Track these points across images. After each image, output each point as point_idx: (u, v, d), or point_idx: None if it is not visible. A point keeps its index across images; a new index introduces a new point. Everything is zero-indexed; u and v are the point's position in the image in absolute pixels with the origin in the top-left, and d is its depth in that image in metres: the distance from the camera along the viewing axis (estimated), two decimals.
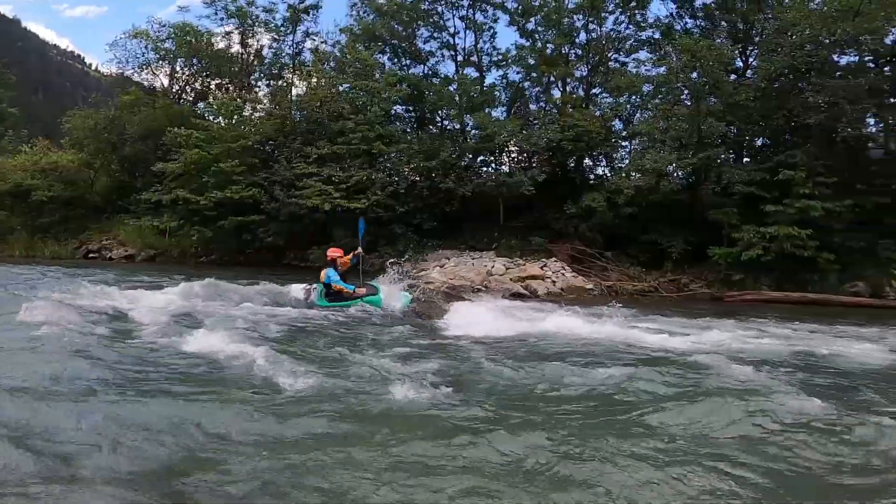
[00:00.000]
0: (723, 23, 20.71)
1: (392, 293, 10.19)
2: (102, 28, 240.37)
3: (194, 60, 24.78)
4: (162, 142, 20.58)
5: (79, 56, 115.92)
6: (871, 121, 17.59)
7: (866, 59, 17.05)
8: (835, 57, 17.08)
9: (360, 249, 10.62)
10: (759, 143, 18.79)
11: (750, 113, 17.56)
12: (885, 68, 16.63)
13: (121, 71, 25.14)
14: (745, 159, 18.32)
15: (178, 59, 24.80)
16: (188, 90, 25.86)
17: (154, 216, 20.56)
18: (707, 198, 16.92)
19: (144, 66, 24.86)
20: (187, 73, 25.50)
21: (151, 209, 20.79)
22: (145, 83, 25.32)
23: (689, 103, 18.30)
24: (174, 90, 25.32)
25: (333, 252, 10.14)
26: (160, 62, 24.88)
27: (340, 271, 9.84)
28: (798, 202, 15.15)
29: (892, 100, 17.01)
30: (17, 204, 22.02)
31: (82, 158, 22.19)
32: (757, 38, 19.85)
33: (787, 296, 15.20)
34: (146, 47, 24.30)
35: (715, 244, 16.27)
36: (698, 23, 21.65)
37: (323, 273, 9.67)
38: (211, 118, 22.43)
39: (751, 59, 20.36)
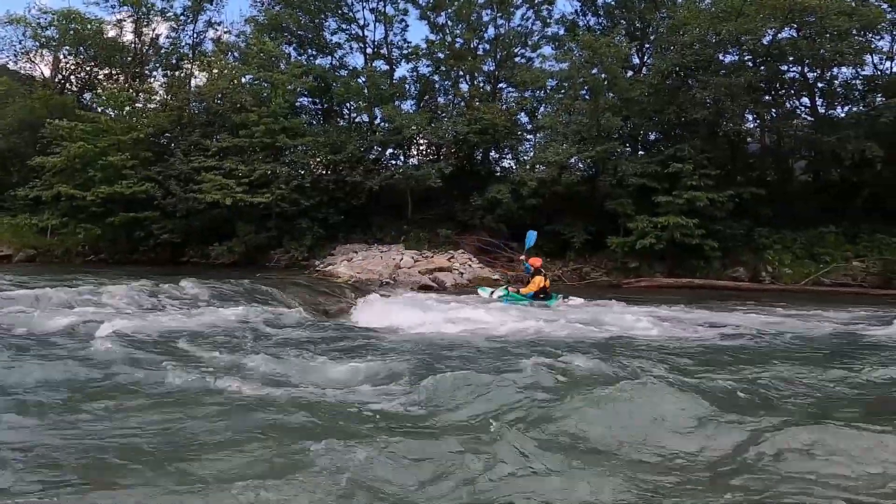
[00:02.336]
0: (622, 21, 21.62)
1: None
2: None
3: (80, 49, 22.94)
4: (41, 134, 18.93)
5: None
6: (750, 117, 18.92)
7: (746, 58, 18.31)
8: (720, 56, 18.23)
9: (522, 257, 12.79)
10: (652, 137, 19.74)
11: (644, 108, 18.38)
12: (762, 67, 17.90)
13: None
14: (640, 152, 19.16)
15: (63, 48, 22.87)
16: (73, 80, 23.94)
17: (33, 214, 18.91)
18: (605, 189, 17.55)
19: (22, 54, 22.84)
20: (72, 62, 23.58)
21: (30, 206, 19.12)
22: (23, 72, 23.18)
23: (588, 98, 18.93)
24: (57, 80, 23.34)
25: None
26: (40, 50, 22.88)
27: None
28: (686, 193, 16.04)
29: (766, 97, 18.37)
30: None
31: None
32: (652, 37, 20.86)
33: (677, 281, 16.09)
34: (24, 34, 22.30)
35: (613, 234, 16.93)
36: (600, 20, 22.49)
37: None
38: (100, 110, 20.86)
39: (646, 57, 21.38)
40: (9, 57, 23.01)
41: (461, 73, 21.93)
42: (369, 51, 22.96)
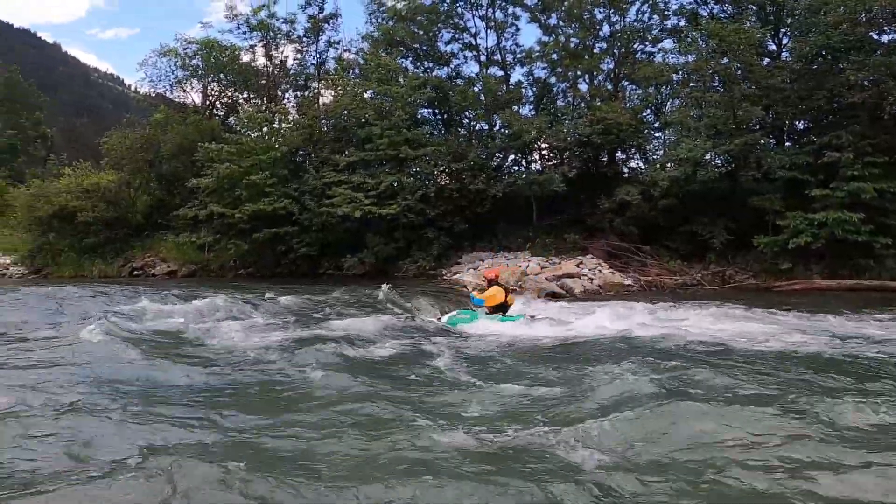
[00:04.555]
0: (751, 6, 20.04)
1: None
2: (137, 49, 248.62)
3: (221, 75, 25.21)
4: (195, 158, 20.94)
5: (118, 77, 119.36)
6: None
7: None
8: (873, 34, 16.40)
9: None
10: (800, 126, 18.11)
11: (788, 95, 16.96)
12: None
13: (153, 90, 25.82)
14: (787, 143, 17.66)
15: (208, 75, 25.26)
16: (218, 105, 26.34)
17: (192, 232, 20.91)
18: (748, 184, 16.34)
19: (175, 84, 25.46)
20: (216, 88, 25.96)
21: (189, 225, 21.15)
22: (178, 100, 25.88)
23: (721, 89, 17.76)
24: (205, 105, 25.81)
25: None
26: (189, 79, 25.40)
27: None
28: (847, 185, 14.58)
29: None
30: (63, 225, 22.76)
31: (121, 178, 22.82)
32: (789, 20, 19.17)
33: (840, 283, 14.61)
34: (175, 65, 24.88)
35: (759, 233, 15.74)
36: (724, 7, 21.00)
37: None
38: (241, 131, 22.77)
39: (784, 41, 19.67)
40: (165, 87, 25.71)
41: (578, 73, 21.43)
42: (483, 58, 23.16)
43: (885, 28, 16.36)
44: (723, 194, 17.09)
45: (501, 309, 9.32)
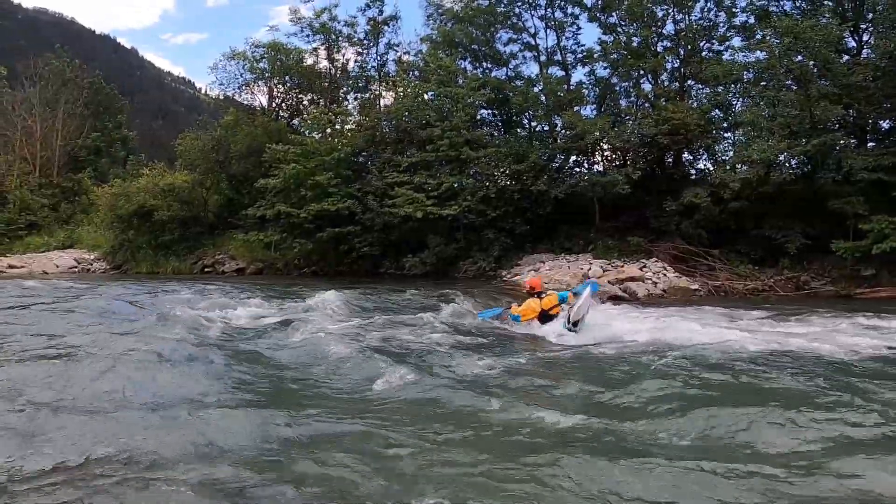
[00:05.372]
0: (826, 2, 19.13)
1: None
2: (205, 53, 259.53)
3: (287, 78, 26.02)
4: (263, 158, 21.70)
5: (190, 81, 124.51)
6: None
7: None
8: None
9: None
10: (885, 126, 17.19)
11: (871, 94, 16.14)
12: None
13: (223, 93, 26.94)
14: (870, 144, 16.81)
15: (274, 78, 26.13)
16: (283, 107, 27.21)
17: (260, 230, 21.66)
18: (827, 187, 15.65)
19: (244, 87, 26.47)
20: (282, 90, 26.83)
21: (257, 224, 21.93)
22: (245, 102, 26.88)
23: (796, 88, 17.05)
24: (272, 107, 26.72)
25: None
26: (257, 81, 26.35)
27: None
28: None
29: None
30: (141, 224, 24.12)
31: (194, 178, 23.95)
32: (870, 16, 18.20)
33: None
34: (243, 68, 25.85)
35: (838, 237, 15.07)
36: (797, 4, 20.10)
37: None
38: (306, 133, 23.44)
39: (865, 37, 18.69)
40: (234, 89, 26.79)
41: (642, 72, 21.00)
42: (543, 58, 22.99)
43: None
44: (799, 197, 16.42)
45: (547, 318, 8.85)
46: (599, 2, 21.48)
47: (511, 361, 6.59)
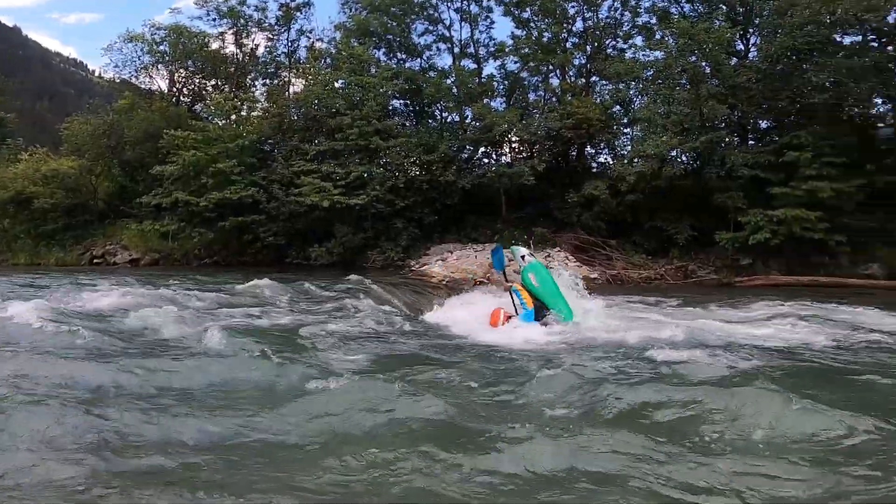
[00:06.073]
0: (721, 6, 20.35)
1: None
2: (102, 34, 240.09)
3: (189, 62, 24.67)
4: (160, 145, 20.50)
5: (82, 63, 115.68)
6: (879, 100, 17.26)
7: (870, 38, 16.73)
8: (837, 37, 16.80)
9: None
10: (763, 125, 18.49)
11: (753, 95, 17.28)
12: (889, 47, 16.28)
13: (118, 76, 25.12)
14: (751, 142, 18.01)
15: (175, 62, 24.68)
16: (185, 92, 25.76)
17: (156, 219, 20.49)
18: (712, 182, 16.62)
19: (141, 70, 24.83)
20: (183, 74, 25.38)
21: (153, 212, 20.73)
22: (143, 86, 25.24)
23: (689, 87, 17.99)
24: (172, 92, 25.22)
25: None
26: (156, 65, 24.80)
27: None
28: (805, 184, 14.90)
29: None
30: (19, 212, 22.03)
31: (83, 164, 22.15)
32: (757, 20, 19.51)
33: (798, 280, 14.94)
34: (142, 51, 24.24)
35: (722, 229, 16.02)
36: (696, 6, 21.27)
37: None
38: (208, 119, 22.32)
39: (752, 41, 20.03)
40: (131, 73, 25.06)
41: (551, 67, 21.51)
42: (456, 50, 23.07)
43: (849, 30, 16.77)
44: (688, 192, 17.34)
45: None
46: None
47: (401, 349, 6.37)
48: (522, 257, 8.22)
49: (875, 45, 16.54)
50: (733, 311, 9.65)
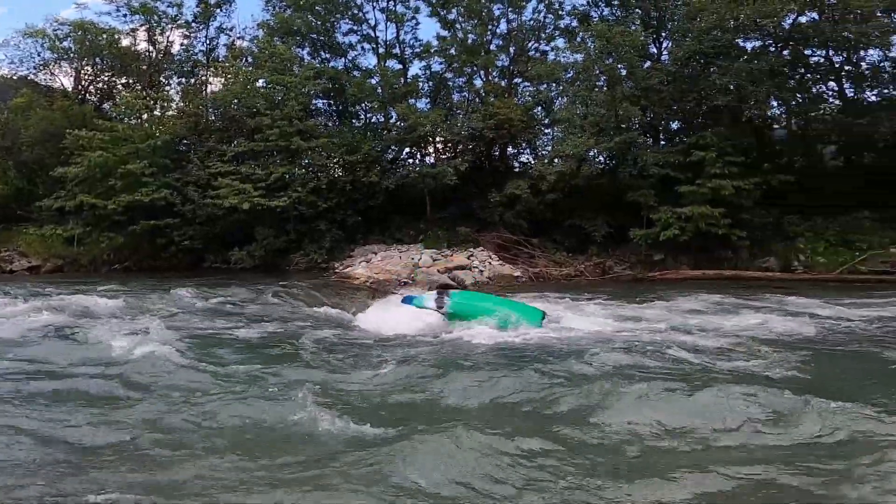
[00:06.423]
0: (637, 10, 21.16)
1: None
2: (4, 29, 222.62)
3: (97, 59, 23.22)
4: (63, 145, 19.16)
5: None
6: (775, 103, 18.40)
7: (768, 42, 17.83)
8: (739, 41, 17.80)
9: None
10: (674, 126, 19.33)
11: (664, 97, 18.01)
12: (784, 52, 17.39)
13: (14, 72, 23.29)
14: (662, 142, 18.77)
15: (81, 59, 23.15)
16: (92, 90, 24.20)
17: (58, 224, 19.14)
18: (626, 181, 17.19)
19: (42, 67, 23.13)
20: (90, 72, 23.85)
21: (55, 216, 19.35)
22: (44, 84, 23.49)
23: (606, 89, 18.58)
24: (76, 91, 23.62)
25: None
26: (59, 62, 23.17)
27: None
28: (710, 182, 15.64)
29: (791, 82, 17.82)
30: None
31: None
32: (669, 25, 20.39)
33: (704, 273, 15.68)
34: (42, 46, 22.58)
35: (635, 226, 16.58)
36: (614, 10, 22.02)
37: None
38: (117, 118, 21.06)
39: (664, 45, 20.92)
40: (30, 69, 23.33)
41: (475, 68, 21.67)
42: (381, 50, 22.79)
43: (749, 35, 17.80)
44: (604, 191, 17.87)
45: None
46: None
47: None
48: (434, 300, 8.70)
49: (772, 49, 17.64)
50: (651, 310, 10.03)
